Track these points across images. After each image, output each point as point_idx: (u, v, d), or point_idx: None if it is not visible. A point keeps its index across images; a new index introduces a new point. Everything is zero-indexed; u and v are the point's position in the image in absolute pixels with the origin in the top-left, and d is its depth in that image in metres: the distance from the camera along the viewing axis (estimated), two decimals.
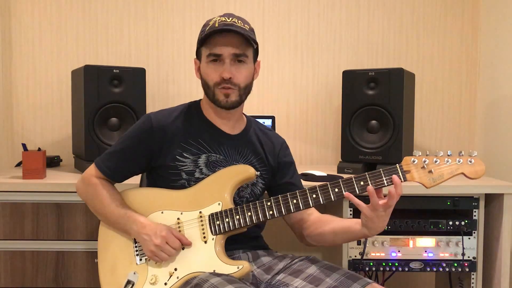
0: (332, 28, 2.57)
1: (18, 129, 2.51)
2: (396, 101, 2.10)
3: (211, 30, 1.45)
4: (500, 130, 2.35)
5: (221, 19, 1.47)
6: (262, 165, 1.58)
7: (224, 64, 1.46)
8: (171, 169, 1.49)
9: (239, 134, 1.58)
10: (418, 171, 1.34)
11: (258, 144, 1.60)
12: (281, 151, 1.64)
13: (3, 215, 1.87)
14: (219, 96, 1.48)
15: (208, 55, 1.47)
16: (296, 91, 2.59)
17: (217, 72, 1.46)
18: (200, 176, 1.49)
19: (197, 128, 1.53)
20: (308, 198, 1.40)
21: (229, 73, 1.45)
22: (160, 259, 1.41)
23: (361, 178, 1.36)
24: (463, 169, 1.32)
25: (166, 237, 1.39)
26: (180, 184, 1.49)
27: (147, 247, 1.41)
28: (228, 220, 1.42)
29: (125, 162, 1.52)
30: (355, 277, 1.36)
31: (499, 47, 2.39)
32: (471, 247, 1.93)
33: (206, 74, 1.49)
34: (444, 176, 1.33)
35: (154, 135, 1.49)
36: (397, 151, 2.10)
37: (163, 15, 2.54)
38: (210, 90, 1.49)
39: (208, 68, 1.48)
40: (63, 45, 2.51)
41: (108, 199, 1.49)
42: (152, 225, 1.42)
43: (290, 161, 1.66)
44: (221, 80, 1.46)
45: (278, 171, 1.62)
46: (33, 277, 1.90)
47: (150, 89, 2.43)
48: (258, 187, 1.58)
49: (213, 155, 1.51)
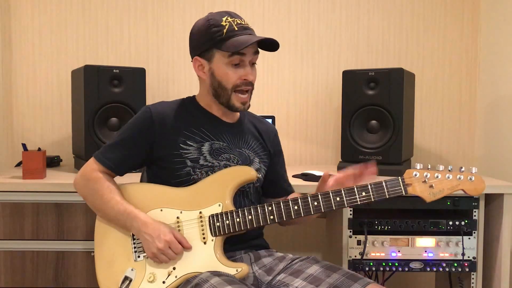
0: (332, 28, 2.58)
1: (18, 129, 2.52)
2: (396, 101, 2.10)
3: (235, 34, 1.44)
4: (500, 130, 2.35)
5: (235, 20, 1.47)
6: (262, 150, 1.62)
7: (244, 66, 1.48)
8: (176, 157, 1.48)
9: (236, 122, 1.60)
10: (419, 185, 1.37)
11: (255, 130, 1.64)
12: (275, 139, 1.70)
13: (3, 215, 1.87)
14: (235, 102, 1.50)
15: (231, 56, 1.45)
16: (296, 91, 2.59)
17: (237, 74, 1.47)
18: (205, 163, 1.49)
19: (197, 118, 1.54)
20: (310, 206, 1.40)
21: (252, 75, 1.50)
22: (160, 262, 1.41)
23: (363, 189, 1.38)
24: (463, 185, 1.36)
25: (170, 242, 1.39)
26: (185, 172, 1.48)
27: (149, 248, 1.40)
28: (229, 222, 1.42)
29: (126, 153, 1.51)
30: (355, 277, 1.37)
31: (499, 47, 2.39)
32: (471, 247, 1.93)
33: (225, 75, 1.48)
34: (444, 192, 1.37)
35: (154, 125, 1.49)
36: (397, 151, 2.10)
37: (163, 15, 2.54)
38: (225, 91, 1.49)
39: (227, 69, 1.47)
40: (63, 45, 2.51)
41: (108, 195, 1.47)
42: (154, 225, 1.42)
43: (280, 150, 1.72)
44: (242, 82, 1.48)
45: (273, 157, 1.67)
46: (33, 277, 1.90)
47: (150, 89, 2.44)
48: (262, 172, 1.60)
49: (216, 142, 1.52)
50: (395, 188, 1.37)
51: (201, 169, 1.48)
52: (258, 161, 1.58)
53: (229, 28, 1.45)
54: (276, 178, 1.68)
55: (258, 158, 1.58)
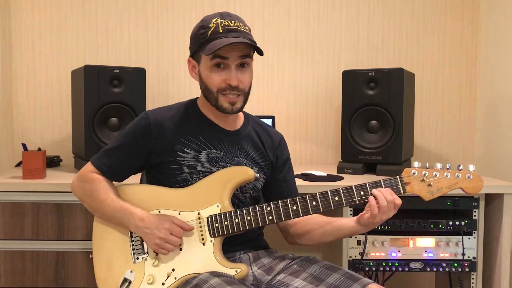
0: (332, 28, 2.58)
1: (18, 129, 2.52)
2: (396, 101, 2.10)
3: (217, 37, 1.39)
4: (500, 130, 2.35)
5: (224, 22, 1.42)
6: (263, 160, 1.58)
7: (229, 69, 1.42)
8: (173, 164, 1.48)
9: (238, 130, 1.57)
10: (418, 184, 1.37)
11: (257, 139, 1.59)
12: (279, 147, 1.63)
13: (3, 215, 1.87)
14: (223, 103, 1.45)
15: (213, 58, 1.42)
16: (296, 91, 2.59)
17: (221, 77, 1.43)
18: (202, 169, 1.48)
19: (195, 125, 1.52)
20: (308, 205, 1.40)
21: (236, 80, 1.42)
22: (166, 251, 1.40)
23: (361, 188, 1.37)
24: (462, 184, 1.36)
25: (169, 229, 1.38)
26: (183, 178, 1.48)
27: (150, 241, 1.40)
28: (227, 223, 1.41)
29: (122, 160, 1.51)
30: (355, 277, 1.37)
31: (499, 47, 2.39)
32: (471, 247, 1.93)
33: (208, 78, 1.45)
34: (442, 190, 1.37)
35: (152, 132, 1.48)
36: (397, 151, 2.10)
37: (163, 15, 2.54)
38: (212, 95, 1.46)
39: (211, 72, 1.44)
40: (63, 45, 2.51)
41: (104, 194, 1.47)
42: (151, 217, 1.41)
43: (286, 158, 1.65)
44: (226, 86, 1.43)
45: (276, 167, 1.62)
46: (33, 277, 1.90)
47: (150, 89, 2.44)
48: (260, 182, 1.57)
49: (213, 151, 1.50)
50: (393, 187, 1.37)
51: (198, 175, 1.48)
52: (256, 170, 1.54)
53: (213, 30, 1.41)
54: (279, 186, 1.62)
55: (257, 168, 1.55)
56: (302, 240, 1.55)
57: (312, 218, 1.53)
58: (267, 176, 1.60)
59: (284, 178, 1.63)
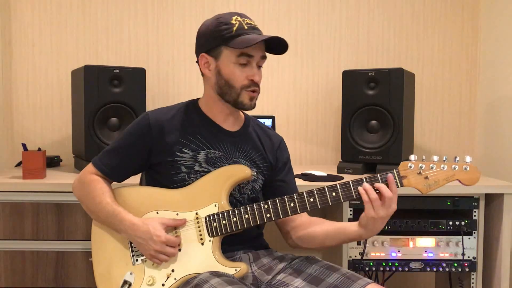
0: (332, 28, 2.58)
1: (18, 129, 2.52)
2: (396, 101, 2.10)
3: (244, 32, 1.42)
4: (500, 130, 2.35)
5: (245, 20, 1.46)
6: (262, 161, 1.57)
7: (252, 66, 1.46)
8: (171, 164, 1.48)
9: (238, 130, 1.57)
10: (414, 177, 1.36)
11: (258, 141, 1.59)
12: (279, 149, 1.63)
13: (3, 215, 1.87)
14: (244, 99, 1.47)
15: (239, 56, 1.44)
16: (296, 91, 2.59)
17: (244, 74, 1.46)
18: (200, 169, 1.48)
19: (196, 125, 1.52)
20: (306, 202, 1.39)
21: (259, 76, 1.48)
22: (161, 262, 1.41)
23: (358, 183, 1.36)
24: (459, 175, 1.35)
25: (166, 242, 1.38)
26: (180, 178, 1.48)
27: (146, 251, 1.40)
28: (225, 222, 1.41)
29: (123, 160, 1.51)
30: (355, 277, 1.36)
31: (499, 47, 2.39)
32: (471, 247, 1.93)
33: (232, 74, 1.46)
34: (439, 183, 1.35)
35: (152, 133, 1.49)
36: (397, 151, 2.10)
37: (163, 15, 2.54)
38: (233, 90, 1.47)
39: (235, 68, 1.45)
40: (63, 45, 2.51)
41: (100, 196, 1.47)
42: (143, 227, 1.40)
43: (286, 160, 1.65)
44: (249, 83, 1.46)
45: (275, 169, 1.62)
46: (33, 277, 1.90)
47: (150, 89, 2.43)
48: (258, 183, 1.57)
49: (212, 151, 1.50)
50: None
51: (196, 175, 1.48)
52: (255, 172, 1.55)
53: (239, 26, 1.44)
54: (280, 186, 1.61)
55: (256, 169, 1.55)
56: (304, 243, 1.54)
57: (314, 221, 1.53)
58: (266, 178, 1.60)
59: (284, 179, 1.62)
